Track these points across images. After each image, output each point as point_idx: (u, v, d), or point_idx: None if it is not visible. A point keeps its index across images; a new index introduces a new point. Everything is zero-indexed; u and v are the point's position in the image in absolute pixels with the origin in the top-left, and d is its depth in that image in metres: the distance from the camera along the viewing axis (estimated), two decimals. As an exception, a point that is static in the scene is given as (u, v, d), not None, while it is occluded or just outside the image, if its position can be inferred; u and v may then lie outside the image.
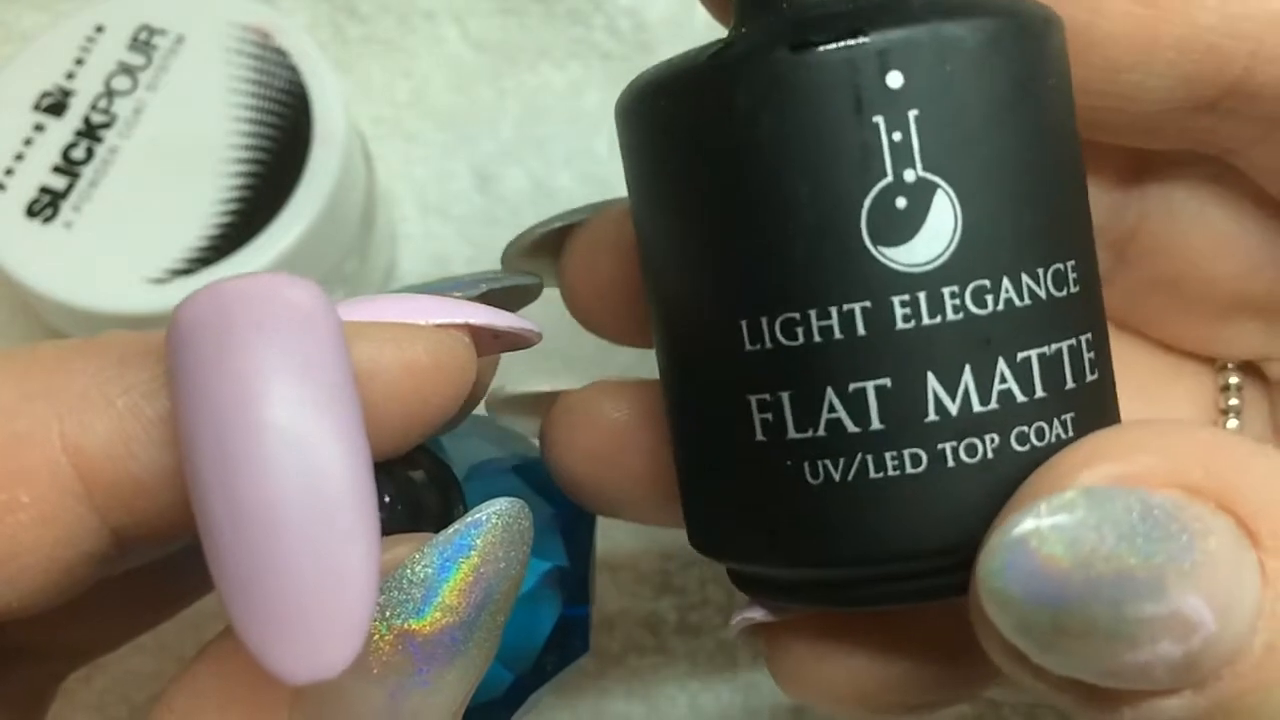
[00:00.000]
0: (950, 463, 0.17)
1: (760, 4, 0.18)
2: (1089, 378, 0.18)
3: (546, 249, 0.23)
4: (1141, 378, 0.23)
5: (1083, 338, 0.17)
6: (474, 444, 0.24)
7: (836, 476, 0.17)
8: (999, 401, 0.17)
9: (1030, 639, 0.15)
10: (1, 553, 0.15)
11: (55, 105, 0.32)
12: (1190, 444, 0.16)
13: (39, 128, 0.32)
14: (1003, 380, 0.17)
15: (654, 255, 0.19)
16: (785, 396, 0.17)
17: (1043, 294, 0.17)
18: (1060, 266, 0.17)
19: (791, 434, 0.17)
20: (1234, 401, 0.22)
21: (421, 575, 0.16)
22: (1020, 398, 0.17)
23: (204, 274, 0.30)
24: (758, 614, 0.21)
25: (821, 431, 0.17)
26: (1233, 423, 0.22)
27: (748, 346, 0.18)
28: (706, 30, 0.39)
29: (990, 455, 0.17)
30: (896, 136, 0.16)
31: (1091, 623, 0.15)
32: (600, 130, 0.37)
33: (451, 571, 0.16)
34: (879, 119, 0.16)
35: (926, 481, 0.17)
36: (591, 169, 0.37)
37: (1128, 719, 0.16)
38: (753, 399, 0.18)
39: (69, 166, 0.31)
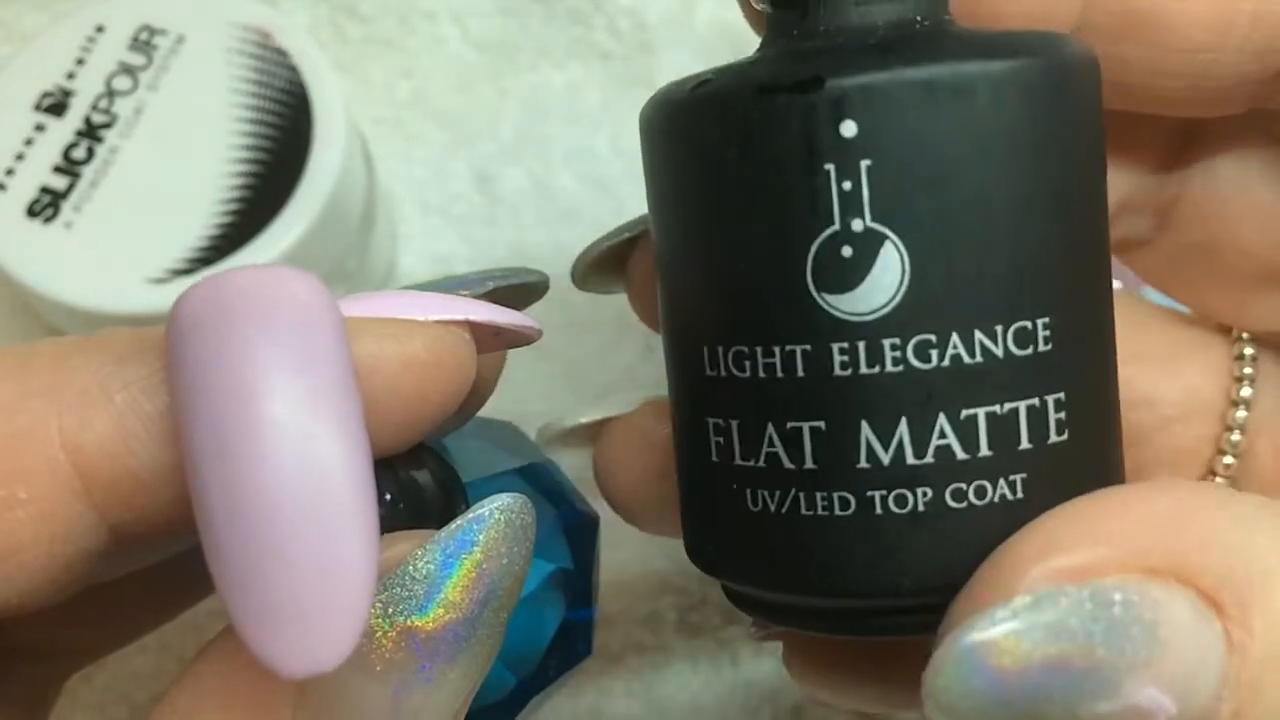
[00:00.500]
0: (878, 510, 0.17)
1: (777, 28, 0.18)
2: (1054, 439, 0.17)
3: (613, 259, 0.23)
4: (1160, 348, 0.23)
5: (1051, 398, 0.17)
6: (478, 447, 0.24)
7: (772, 507, 0.17)
8: (935, 456, 0.17)
9: None
10: (0, 550, 0.15)
11: (56, 105, 0.32)
12: (1146, 522, 0.15)
13: (40, 128, 0.32)
14: (942, 435, 0.17)
15: (658, 265, 0.20)
16: (734, 424, 0.18)
17: (999, 352, 0.17)
18: (1026, 324, 0.17)
19: (738, 460, 0.18)
20: (1248, 371, 0.23)
21: (424, 571, 0.16)
22: (961, 455, 0.17)
23: (204, 274, 0.30)
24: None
25: (761, 463, 0.17)
26: (1246, 390, 0.23)
27: (708, 371, 0.18)
28: (707, 30, 0.39)
29: (921, 508, 0.17)
30: (846, 185, 0.16)
31: None
32: (600, 130, 0.37)
33: (454, 568, 0.16)
34: (830, 167, 0.16)
35: (853, 525, 0.17)
36: (591, 169, 0.37)
37: None
38: (710, 421, 0.18)
39: (69, 166, 0.31)
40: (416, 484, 0.18)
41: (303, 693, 0.16)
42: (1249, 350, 0.23)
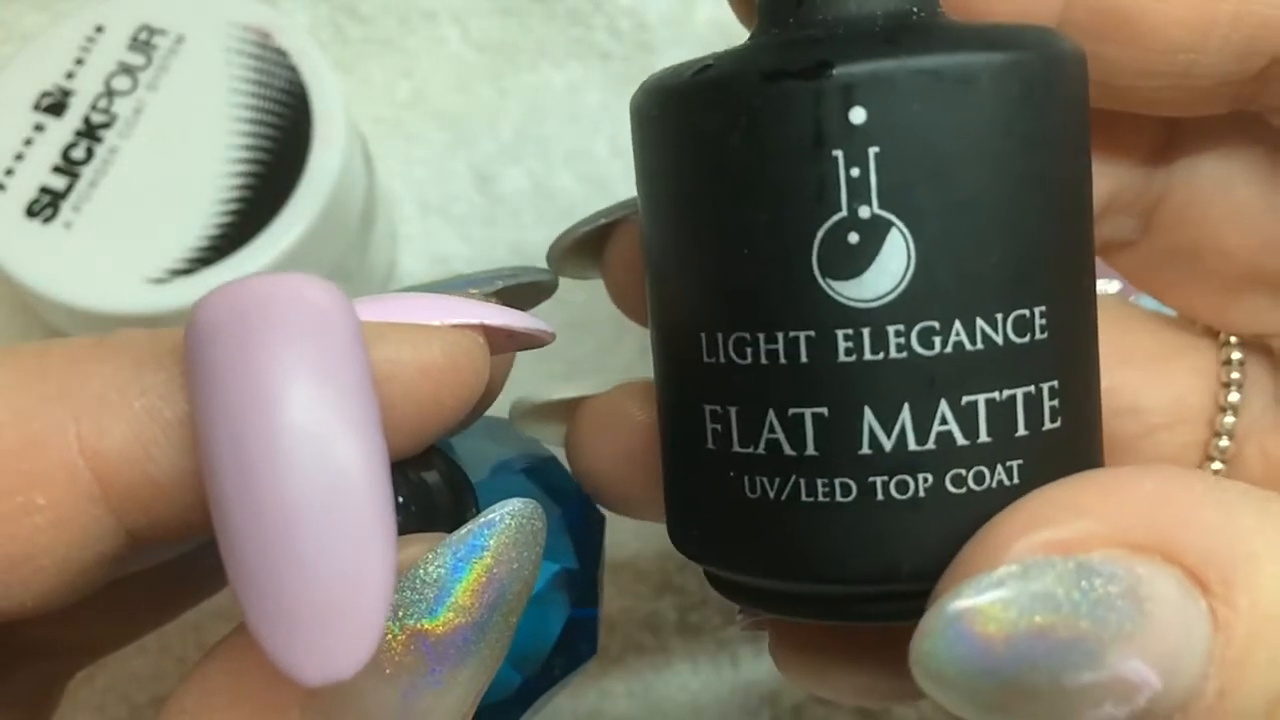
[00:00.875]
0: (879, 496, 0.17)
1: (771, 17, 0.18)
2: (1047, 426, 0.17)
3: (590, 244, 0.23)
4: (1147, 350, 0.23)
5: (1045, 385, 0.17)
6: (484, 445, 0.24)
7: (771, 494, 0.17)
8: (936, 442, 0.17)
9: (972, 710, 0.16)
10: (18, 555, 0.15)
11: (55, 105, 0.32)
12: (1132, 500, 0.16)
13: (39, 128, 0.31)
14: (943, 422, 0.17)
15: (647, 251, 0.20)
16: (733, 411, 0.18)
17: (999, 339, 0.17)
18: (1025, 313, 0.17)
19: (736, 447, 0.18)
20: (1235, 375, 0.23)
21: (434, 575, 0.16)
22: (961, 441, 0.17)
23: (204, 274, 0.30)
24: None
25: (761, 449, 0.17)
26: (1234, 395, 0.23)
27: (705, 359, 0.18)
28: (707, 30, 0.39)
29: (922, 494, 0.17)
30: (854, 172, 0.16)
31: (1032, 693, 0.15)
32: (600, 130, 0.38)
33: (464, 572, 0.16)
34: (838, 153, 0.16)
35: (854, 511, 0.17)
36: (591, 169, 0.37)
37: None
38: (707, 408, 0.18)
39: (69, 166, 0.31)
40: (426, 486, 0.18)
41: (311, 694, 0.16)
42: (1236, 355, 0.23)
